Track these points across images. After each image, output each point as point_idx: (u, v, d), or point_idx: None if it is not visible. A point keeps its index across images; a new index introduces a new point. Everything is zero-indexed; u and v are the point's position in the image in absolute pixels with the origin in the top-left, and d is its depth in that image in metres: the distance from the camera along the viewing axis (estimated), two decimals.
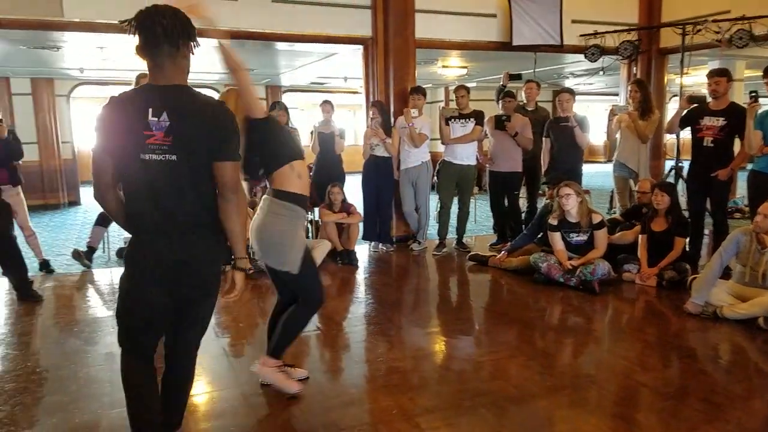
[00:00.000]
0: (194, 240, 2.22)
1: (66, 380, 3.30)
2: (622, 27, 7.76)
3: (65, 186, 11.41)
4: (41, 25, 5.87)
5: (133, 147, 2.11)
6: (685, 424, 2.72)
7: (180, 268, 2.22)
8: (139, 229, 2.24)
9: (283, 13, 6.50)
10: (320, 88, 14.41)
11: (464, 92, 6.40)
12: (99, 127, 2.18)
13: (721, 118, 5.18)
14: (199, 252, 2.24)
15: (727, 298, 4.22)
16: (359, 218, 6.28)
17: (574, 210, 5.12)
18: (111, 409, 2.94)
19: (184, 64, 2.26)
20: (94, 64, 9.71)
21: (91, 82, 12.14)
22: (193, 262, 2.23)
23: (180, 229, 2.19)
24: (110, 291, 5.31)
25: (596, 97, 17.88)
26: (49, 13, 5.73)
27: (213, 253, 2.30)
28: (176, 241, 2.19)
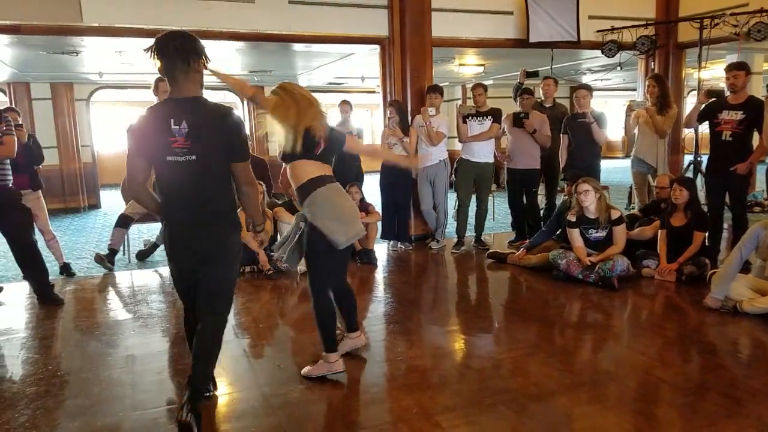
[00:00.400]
0: (210, 219, 2.74)
1: (87, 383, 3.33)
2: (639, 22, 7.73)
3: (85, 189, 11.54)
4: (61, 30, 5.97)
5: (162, 151, 2.61)
6: (705, 420, 2.74)
7: (200, 238, 2.75)
8: (170, 215, 2.78)
9: (300, 14, 6.57)
10: (337, 89, 14.47)
11: (481, 90, 6.42)
12: (133, 133, 2.68)
13: (740, 111, 5.16)
14: (215, 227, 2.76)
15: (747, 292, 4.21)
16: (378, 217, 6.33)
17: (593, 206, 5.13)
18: (133, 411, 2.98)
19: (197, 77, 2.70)
20: (113, 68, 9.83)
21: (110, 85, 12.29)
22: (210, 233, 2.75)
23: (200, 212, 2.72)
24: (131, 293, 5.39)
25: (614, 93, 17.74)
26: (68, 18, 5.80)
27: (225, 228, 2.80)
28: (198, 220, 2.73)
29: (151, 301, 4.95)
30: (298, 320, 4.47)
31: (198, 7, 6.19)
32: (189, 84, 2.66)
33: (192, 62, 2.63)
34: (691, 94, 10.82)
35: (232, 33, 6.43)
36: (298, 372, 3.39)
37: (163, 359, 3.74)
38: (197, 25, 6.22)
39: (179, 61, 2.60)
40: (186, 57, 2.61)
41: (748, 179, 5.46)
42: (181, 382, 3.28)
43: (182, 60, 2.60)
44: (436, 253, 6.54)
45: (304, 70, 11.25)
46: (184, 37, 2.66)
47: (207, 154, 2.63)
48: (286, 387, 3.20)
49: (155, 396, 3.20)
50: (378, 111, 7.71)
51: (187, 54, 2.62)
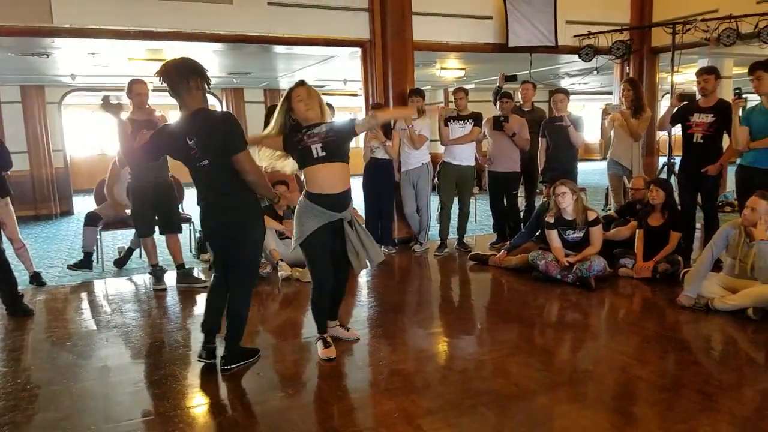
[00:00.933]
0: (227, 208, 3.35)
1: (58, 396, 3.24)
2: (615, 27, 7.86)
3: (57, 196, 11.22)
4: (30, 31, 5.81)
5: (189, 160, 3.29)
6: (680, 415, 2.82)
7: (221, 223, 3.39)
8: (203, 208, 3.42)
9: (280, 16, 6.54)
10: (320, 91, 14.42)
11: (463, 94, 6.48)
12: (157, 141, 3.38)
13: (710, 114, 5.29)
14: (231, 215, 3.35)
15: (718, 290, 4.33)
16: (361, 221, 6.32)
17: (570, 208, 5.22)
18: (106, 424, 2.92)
19: (198, 93, 3.25)
20: (86, 70, 9.66)
21: (84, 88, 12.04)
22: (228, 221, 3.36)
23: (221, 205, 3.36)
24: (104, 302, 5.29)
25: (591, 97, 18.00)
26: (38, 19, 5.66)
27: (240, 216, 3.37)
28: (219, 209, 3.36)
29: (125, 311, 4.86)
30: (278, 327, 4.47)
31: (174, 8, 6.11)
32: (191, 99, 3.22)
33: (191, 80, 3.19)
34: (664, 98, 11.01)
35: (209, 35, 6.37)
36: (277, 380, 3.42)
37: (138, 370, 3.68)
38: (173, 27, 6.18)
39: (182, 82, 3.17)
40: (185, 77, 3.18)
41: (718, 180, 5.60)
42: (157, 392, 3.28)
43: (184, 79, 3.17)
44: (420, 256, 6.58)
45: (285, 72, 11.22)
46: (184, 60, 3.25)
47: (214, 156, 3.21)
48: (266, 395, 3.19)
49: (129, 408, 3.12)
50: (360, 114, 7.75)
51: (187, 73, 3.19)
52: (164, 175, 5.39)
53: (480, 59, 9.50)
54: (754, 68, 4.77)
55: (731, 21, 6.67)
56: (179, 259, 5.50)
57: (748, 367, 3.50)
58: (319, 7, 6.70)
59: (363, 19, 6.93)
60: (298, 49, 7.38)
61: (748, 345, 3.82)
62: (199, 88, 3.23)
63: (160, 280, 5.47)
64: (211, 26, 6.32)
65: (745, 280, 4.25)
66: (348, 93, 13.70)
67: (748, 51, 7.48)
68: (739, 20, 6.62)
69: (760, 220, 4.09)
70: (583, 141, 6.49)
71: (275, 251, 5.77)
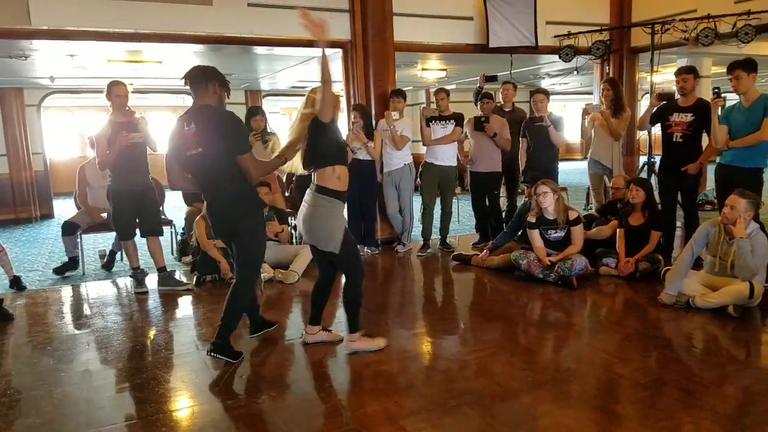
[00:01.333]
0: (227, 201, 3.52)
1: (40, 401, 3.22)
2: (594, 27, 7.93)
3: (37, 199, 11.10)
4: (7, 33, 5.74)
5: (180, 148, 3.48)
6: (662, 413, 2.83)
7: (218, 213, 3.58)
8: (205, 198, 3.66)
9: (260, 17, 6.51)
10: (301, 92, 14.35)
11: (444, 95, 6.49)
12: (169, 136, 3.55)
13: (690, 113, 5.34)
14: (232, 208, 3.52)
15: (699, 288, 4.38)
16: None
17: (551, 207, 5.25)
18: (87, 428, 2.90)
19: (213, 96, 3.51)
20: (66, 72, 9.56)
21: (63, 90, 11.94)
22: (224, 209, 3.54)
23: (217, 195, 3.55)
24: (85, 306, 5.25)
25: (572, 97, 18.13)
26: (15, 21, 5.60)
27: (243, 208, 3.53)
28: (217, 202, 3.56)
29: (107, 314, 4.81)
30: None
31: (153, 9, 6.06)
32: (204, 96, 3.47)
33: (209, 83, 3.48)
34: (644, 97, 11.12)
35: (189, 36, 6.32)
36: (260, 382, 3.39)
37: (120, 374, 3.63)
38: (153, 28, 6.12)
39: (201, 82, 3.46)
40: (203, 80, 3.47)
41: (698, 179, 5.66)
42: (139, 396, 3.26)
43: (202, 81, 3.46)
44: (403, 257, 6.58)
45: (267, 73, 11.17)
46: (209, 67, 3.57)
47: (209, 146, 3.39)
48: (249, 398, 3.17)
49: (112, 412, 3.10)
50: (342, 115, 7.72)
51: (207, 77, 3.48)
52: (145, 178, 5.35)
53: (461, 60, 9.52)
54: (732, 67, 4.82)
55: (709, 21, 6.75)
56: (160, 262, 5.46)
57: (730, 364, 3.53)
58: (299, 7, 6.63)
59: (344, 20, 6.92)
60: (279, 50, 7.35)
61: (729, 342, 3.86)
62: (215, 92, 3.50)
63: (141, 284, 5.41)
64: (191, 27, 6.27)
65: (725, 278, 4.29)
66: None
67: (726, 51, 7.58)
68: (717, 20, 6.71)
69: (739, 218, 4.13)
70: (564, 141, 6.52)
71: None
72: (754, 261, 4.10)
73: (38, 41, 6.24)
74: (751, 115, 4.79)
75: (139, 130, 5.19)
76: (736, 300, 4.12)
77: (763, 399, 2.96)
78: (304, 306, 4.99)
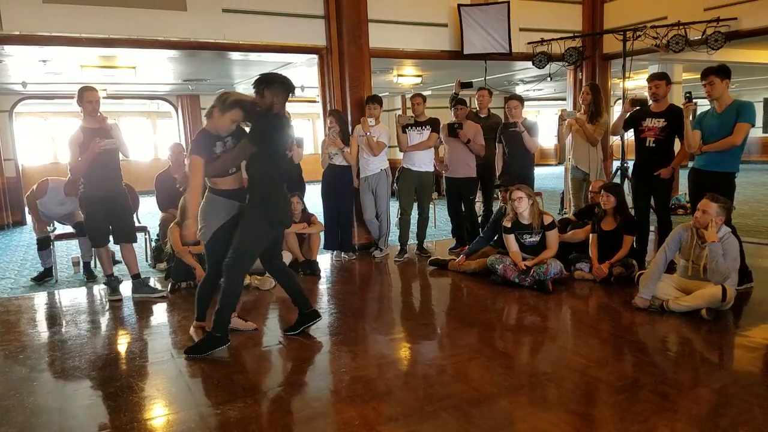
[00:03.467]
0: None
1: (11, 411, 3.14)
2: (567, 34, 8.04)
3: (9, 206, 10.90)
4: None
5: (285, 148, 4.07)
6: (637, 416, 2.86)
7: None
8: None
9: (235, 22, 6.50)
10: None
11: (420, 100, 6.51)
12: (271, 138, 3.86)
13: (662, 119, 5.42)
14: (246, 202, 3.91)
15: (673, 291, 4.43)
16: (320, 228, 6.31)
17: (526, 212, 5.29)
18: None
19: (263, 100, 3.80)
20: (38, 77, 9.46)
21: (36, 96, 11.81)
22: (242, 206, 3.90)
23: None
24: (58, 314, 5.16)
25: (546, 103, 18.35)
26: None
27: (246, 206, 3.89)
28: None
29: (80, 322, 4.74)
30: (237, 336, 4.35)
31: (127, 14, 6.01)
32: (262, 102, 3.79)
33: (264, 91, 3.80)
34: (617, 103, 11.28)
35: (163, 41, 6.27)
36: (236, 389, 3.35)
37: (94, 382, 3.56)
38: (126, 34, 6.06)
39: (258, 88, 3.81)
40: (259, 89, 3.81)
41: (671, 183, 5.74)
42: (113, 405, 3.20)
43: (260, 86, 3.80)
44: (380, 262, 6.57)
45: (242, 79, 11.14)
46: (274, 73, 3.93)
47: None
48: (225, 406, 3.12)
49: (85, 421, 3.04)
50: (319, 120, 7.72)
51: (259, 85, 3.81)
52: (118, 185, 5.27)
53: (436, 66, 9.59)
54: (706, 73, 4.89)
55: (680, 28, 6.89)
56: (135, 269, 5.38)
57: (703, 367, 3.57)
58: (275, 13, 6.67)
59: (319, 26, 6.93)
60: (254, 56, 7.33)
61: (702, 345, 3.91)
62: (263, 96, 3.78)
63: (115, 291, 5.34)
64: (165, 33, 6.23)
65: (698, 282, 4.34)
66: (306, 99, 13.68)
67: (696, 57, 7.74)
68: (687, 27, 6.85)
69: (711, 223, 4.19)
70: (538, 146, 6.58)
71: None
72: (726, 265, 4.16)
73: (10, 46, 6.16)
74: (724, 121, 4.87)
75: (112, 136, 5.11)
76: (709, 303, 4.18)
77: (737, 401, 2.99)
78: (281, 312, 4.97)
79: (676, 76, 10.43)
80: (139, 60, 8.28)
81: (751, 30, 6.79)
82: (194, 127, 13.59)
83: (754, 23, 6.75)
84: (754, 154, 19.41)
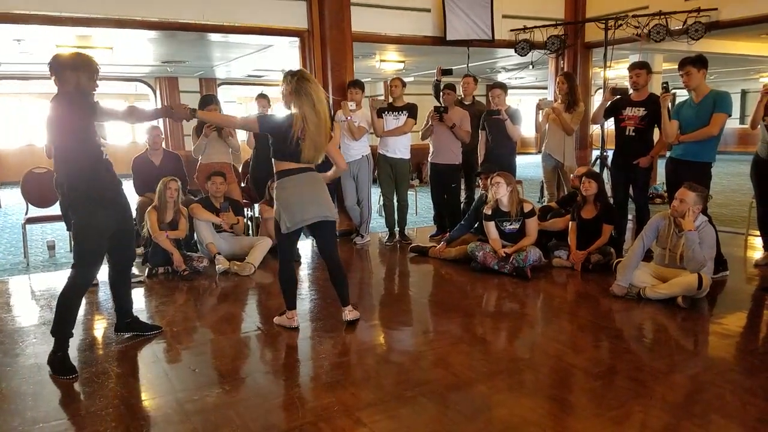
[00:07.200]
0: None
1: None
2: (550, 22, 8.04)
3: None
4: None
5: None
6: (613, 401, 2.89)
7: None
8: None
9: (215, 3, 6.40)
10: (257, 81, 14.22)
11: (398, 83, 6.46)
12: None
13: (642, 108, 5.46)
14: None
15: (649, 279, 4.48)
16: None
17: (505, 198, 5.30)
18: (34, 425, 2.79)
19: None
20: (12, 57, 9.26)
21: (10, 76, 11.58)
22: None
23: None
24: (32, 298, 5.10)
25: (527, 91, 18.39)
26: None
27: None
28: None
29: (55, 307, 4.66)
30: (216, 322, 4.35)
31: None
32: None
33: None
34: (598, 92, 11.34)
35: (142, 21, 6.16)
36: (215, 375, 3.33)
37: None
38: (104, 13, 5.94)
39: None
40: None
41: (650, 172, 5.79)
42: (88, 390, 3.16)
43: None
44: (361, 249, 6.56)
45: (222, 61, 11.00)
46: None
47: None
48: (202, 392, 3.10)
49: (60, 407, 3.00)
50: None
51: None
52: None
53: (419, 52, 9.55)
54: (683, 64, 4.92)
55: (661, 18, 6.92)
56: None
57: (679, 354, 3.62)
58: None
59: (301, 9, 6.85)
60: (235, 38, 7.25)
61: (678, 332, 3.96)
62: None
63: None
64: (144, 13, 6.11)
65: (675, 269, 4.39)
66: None
67: (677, 47, 7.79)
68: (668, 17, 6.88)
69: (688, 211, 4.23)
70: (520, 134, 6.59)
71: (212, 244, 5.64)
72: (702, 253, 4.21)
73: None
74: (701, 111, 4.91)
75: None
76: (685, 291, 4.23)
77: (711, 387, 3.04)
78: (260, 297, 4.95)
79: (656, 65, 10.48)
80: (117, 41, 8.13)
81: (730, 21, 6.86)
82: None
83: (733, 14, 6.82)
84: (731, 144, 19.66)
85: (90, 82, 3.41)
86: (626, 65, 5.93)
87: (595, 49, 8.47)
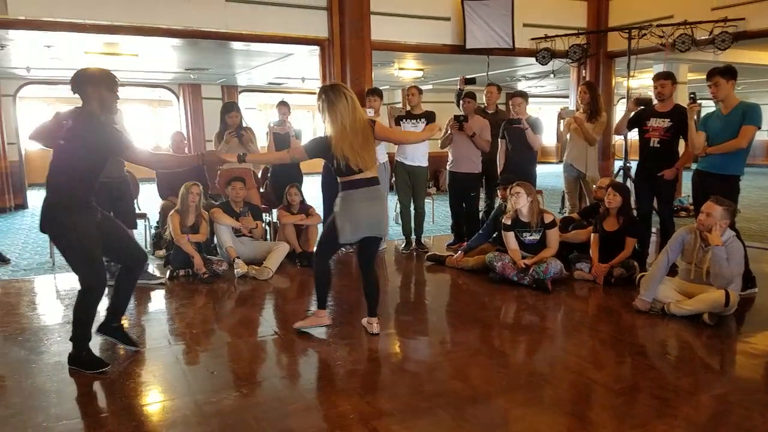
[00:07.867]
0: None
1: (9, 392, 3.16)
2: (572, 31, 7.96)
3: (11, 189, 10.98)
4: None
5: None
6: (636, 420, 2.81)
7: None
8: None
9: (238, 12, 6.49)
10: (277, 89, 14.31)
11: (415, 91, 6.42)
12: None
13: (667, 119, 5.36)
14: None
15: (674, 294, 4.36)
16: (318, 219, 6.27)
17: (526, 209, 5.23)
18: (58, 421, 2.83)
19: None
20: (42, 63, 9.44)
21: (39, 81, 11.80)
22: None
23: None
24: (57, 297, 5.18)
25: (548, 100, 18.27)
26: None
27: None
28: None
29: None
30: (234, 325, 4.36)
31: (131, 2, 5.99)
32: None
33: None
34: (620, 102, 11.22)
35: (166, 29, 6.26)
36: (232, 378, 3.33)
37: None
38: (129, 21, 6.04)
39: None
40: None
41: (674, 184, 5.68)
42: (111, 389, 3.20)
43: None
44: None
45: (243, 69, 11.09)
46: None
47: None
48: (220, 394, 3.10)
49: (81, 406, 3.05)
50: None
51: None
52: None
53: (438, 60, 9.53)
54: (712, 74, 4.82)
55: (686, 27, 6.82)
56: None
57: (704, 372, 3.50)
58: (278, 4, 6.66)
59: (321, 18, 6.90)
60: (256, 46, 7.31)
61: (703, 350, 3.85)
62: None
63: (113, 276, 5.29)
64: (168, 21, 6.22)
65: (701, 285, 4.27)
66: (306, 91, 13.62)
67: (703, 57, 7.67)
68: (694, 26, 6.77)
69: (715, 226, 4.11)
70: (541, 143, 6.52)
71: (231, 248, 5.66)
72: (730, 269, 4.09)
73: (14, 31, 6.20)
74: (729, 122, 4.81)
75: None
76: (711, 308, 4.11)
77: (737, 409, 2.94)
78: (277, 302, 4.96)
79: (681, 76, 10.36)
80: (142, 48, 8.25)
81: (759, 31, 6.72)
82: (195, 116, 13.52)
83: (762, 24, 6.68)
84: (760, 157, 19.30)
85: (111, 94, 3.46)
86: (650, 75, 5.87)
87: (618, 59, 8.37)
